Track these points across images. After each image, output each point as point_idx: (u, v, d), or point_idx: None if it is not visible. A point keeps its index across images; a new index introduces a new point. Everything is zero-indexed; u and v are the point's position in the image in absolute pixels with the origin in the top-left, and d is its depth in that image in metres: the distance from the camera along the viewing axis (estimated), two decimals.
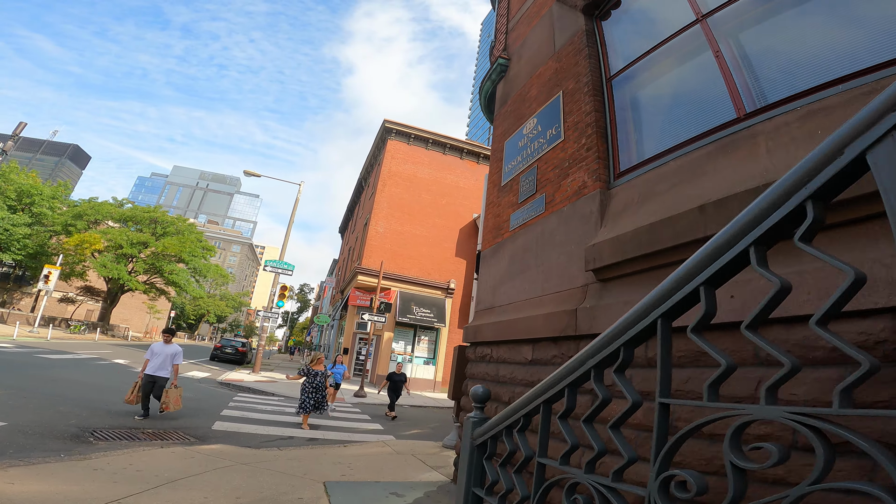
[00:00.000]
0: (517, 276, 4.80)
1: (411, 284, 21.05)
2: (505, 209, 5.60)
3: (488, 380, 4.74)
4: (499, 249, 5.43)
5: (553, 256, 4.22)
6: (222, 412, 9.77)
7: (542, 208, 4.71)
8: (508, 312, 4.71)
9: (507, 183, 5.76)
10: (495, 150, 6.68)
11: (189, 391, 12.31)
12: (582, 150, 4.35)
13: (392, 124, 23.53)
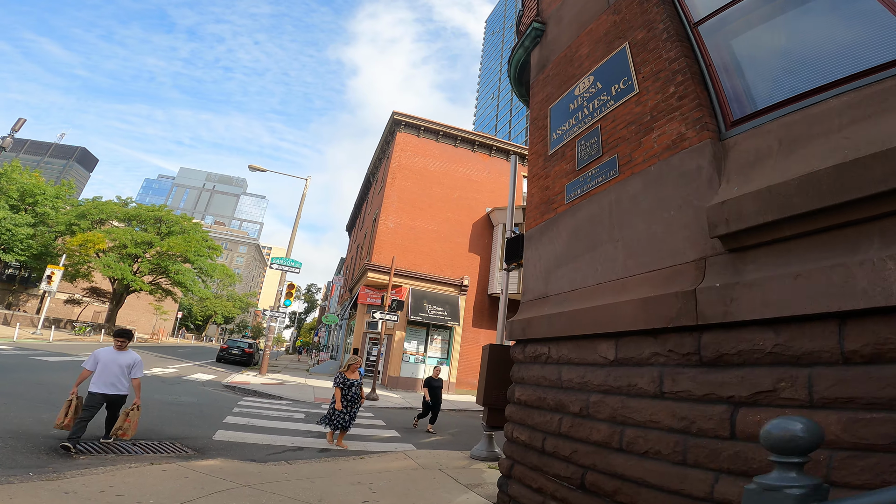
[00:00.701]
0: (582, 257, 3.87)
1: (423, 281, 20.16)
2: (556, 180, 4.68)
3: (545, 385, 3.82)
4: (551, 227, 4.51)
5: (639, 227, 3.30)
6: (225, 419, 8.91)
7: (615, 171, 3.80)
8: (571, 301, 3.79)
9: (558, 150, 4.85)
10: (536, 118, 5.80)
11: (191, 395, 11.49)
12: (671, 100, 3.46)
13: (401, 116, 22.66)
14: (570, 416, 3.43)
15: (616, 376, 3.06)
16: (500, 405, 6.79)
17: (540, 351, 3.94)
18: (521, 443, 4.01)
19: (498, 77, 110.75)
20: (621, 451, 2.90)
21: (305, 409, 11.58)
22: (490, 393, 6.63)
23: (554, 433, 3.58)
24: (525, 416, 4.00)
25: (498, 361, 6.68)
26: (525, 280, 4.76)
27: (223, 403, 10.98)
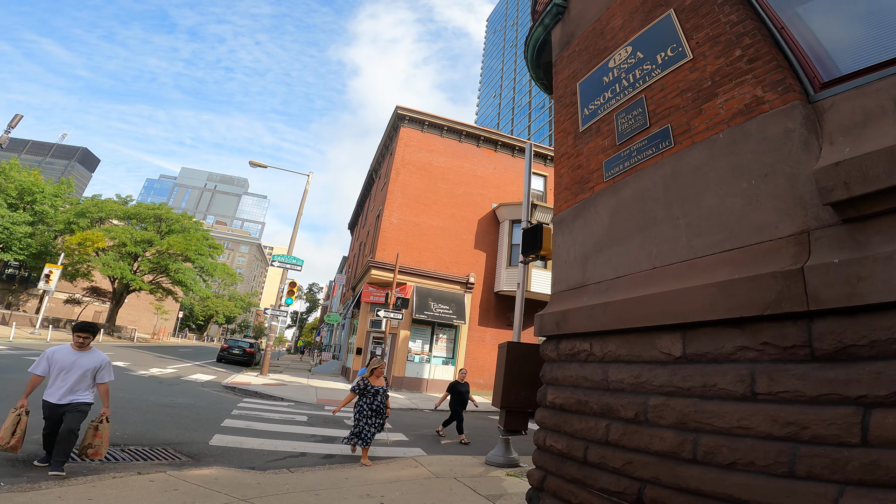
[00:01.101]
0: (630, 238, 3.36)
1: (428, 279, 19.64)
2: (591, 157, 4.17)
3: (586, 386, 3.30)
4: (587, 208, 3.99)
5: (708, 201, 2.80)
6: (224, 422, 8.40)
7: (669, 142, 3.32)
8: (617, 290, 3.27)
9: (591, 126, 4.35)
10: (562, 95, 5.33)
11: (189, 397, 10.99)
12: (739, 64, 3.11)
13: (405, 111, 22.16)
14: (622, 422, 2.91)
15: (685, 376, 2.54)
16: (518, 408, 6.29)
17: (579, 347, 3.42)
18: (556, 452, 3.50)
19: (500, 75, 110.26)
20: (694, 463, 2.39)
21: (308, 412, 11.07)
22: (508, 395, 6.11)
23: (599, 441, 3.07)
24: (561, 422, 3.49)
25: (517, 361, 6.16)
26: (556, 268, 4.23)
27: (222, 405, 10.48)
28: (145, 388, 11.49)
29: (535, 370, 6.30)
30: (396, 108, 22.21)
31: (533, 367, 6.27)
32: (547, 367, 3.86)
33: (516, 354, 6.16)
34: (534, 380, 6.24)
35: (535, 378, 6.27)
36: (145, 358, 20.96)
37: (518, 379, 6.11)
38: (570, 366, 3.53)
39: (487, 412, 14.54)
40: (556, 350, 3.73)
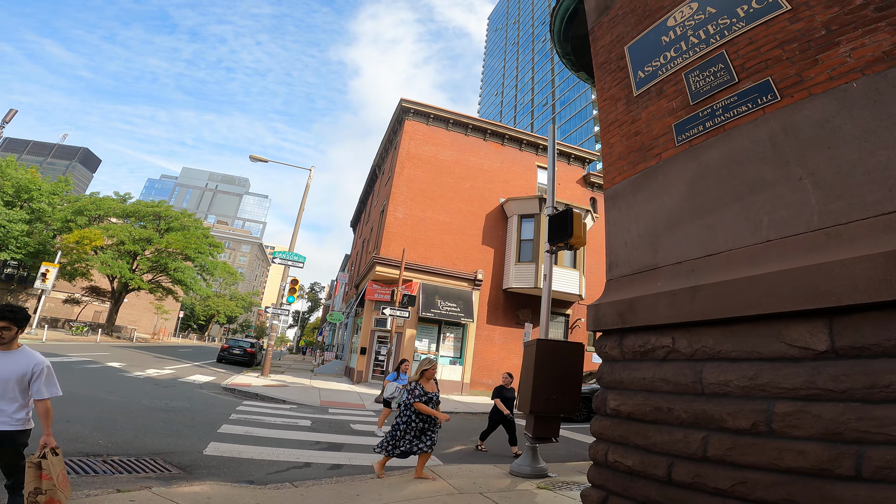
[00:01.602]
0: (726, 207, 2.74)
1: (435, 275, 18.96)
2: (653, 121, 3.54)
3: (668, 391, 2.63)
4: (652, 178, 3.34)
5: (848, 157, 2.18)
6: (221, 428, 7.73)
7: (774, 95, 2.72)
8: (712, 270, 2.62)
9: (651, 88, 3.75)
10: (605, 61, 4.74)
11: (185, 400, 10.32)
12: (864, 12, 2.40)
13: (409, 104, 21.49)
14: (728, 433, 2.26)
15: (835, 375, 1.89)
16: (549, 413, 5.60)
17: (657, 343, 2.75)
18: (623, 469, 2.83)
19: (501, 74, 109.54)
20: (858, 481, 1.72)
21: (311, 415, 10.40)
22: (538, 398, 5.44)
23: (692, 457, 2.41)
24: (629, 434, 2.83)
25: (548, 360, 5.49)
26: (612, 251, 3.56)
27: (220, 409, 9.81)
28: (139, 390, 10.83)
29: (568, 371, 5.62)
30: (401, 101, 21.53)
31: (566, 367, 5.60)
32: (606, 368, 3.18)
33: (547, 353, 5.48)
34: (567, 381, 5.57)
35: (568, 379, 5.60)
36: (142, 358, 20.32)
37: (549, 381, 5.44)
38: (640, 366, 2.86)
39: None
40: (619, 347, 3.06)
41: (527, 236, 20.18)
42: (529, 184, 22.60)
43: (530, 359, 5.59)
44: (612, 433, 2.97)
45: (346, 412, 11.62)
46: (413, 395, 5.70)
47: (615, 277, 3.40)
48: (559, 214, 6.43)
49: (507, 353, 19.80)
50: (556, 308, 21.07)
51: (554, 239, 6.47)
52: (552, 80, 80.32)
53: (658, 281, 2.93)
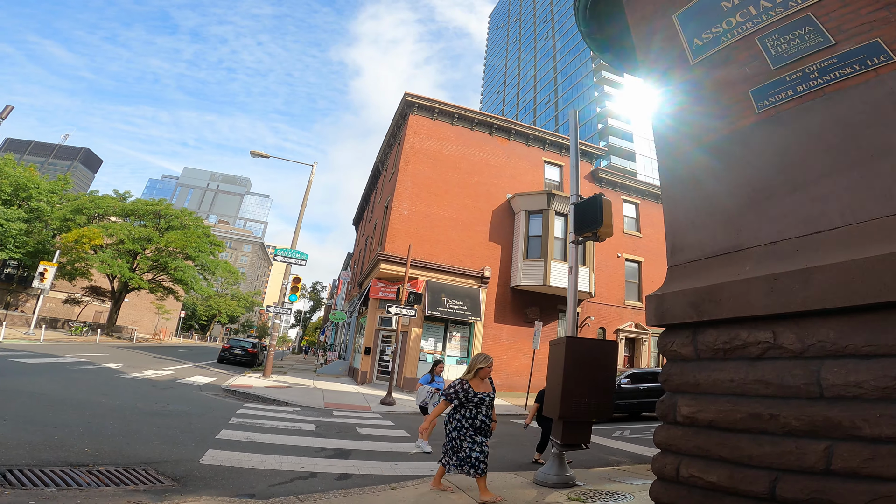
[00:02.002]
0: (837, 175, 2.27)
1: (441, 273, 18.45)
2: (718, 90, 3.03)
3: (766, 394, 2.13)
4: (727, 148, 2.81)
5: None
6: (219, 433, 7.22)
7: (888, 56, 2.18)
8: (825, 249, 2.08)
9: (713, 55, 3.27)
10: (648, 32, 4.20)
11: (182, 402, 9.81)
12: None
13: (414, 98, 20.98)
14: (864, 442, 1.74)
15: None
16: (581, 417, 5.08)
17: (750, 338, 2.25)
18: (703, 485, 2.34)
19: (503, 72, 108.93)
20: None
21: (316, 418, 9.89)
22: (569, 402, 4.92)
23: (809, 470, 1.90)
24: (713, 445, 2.33)
25: (579, 361, 4.97)
26: (674, 232, 3.06)
27: (219, 412, 9.30)
28: (135, 392, 10.34)
29: (601, 372, 5.10)
30: (405, 95, 21.02)
31: (599, 367, 5.08)
32: (674, 369, 2.67)
33: (578, 353, 4.97)
34: (600, 383, 5.05)
35: (601, 381, 5.08)
36: (142, 359, 19.85)
37: (581, 383, 4.92)
38: (724, 366, 2.35)
39: (508, 415, 13.35)
40: (693, 344, 2.54)
41: (535, 232, 19.65)
42: (537, 179, 22.07)
43: (559, 359, 5.07)
44: (687, 444, 2.47)
45: (351, 415, 11.12)
46: (453, 393, 4.83)
47: (681, 263, 2.89)
48: (587, 202, 5.91)
49: (516, 353, 19.29)
50: (562, 305, 20.55)
51: (581, 228, 5.95)
52: (555, 78, 79.76)
53: (745, 264, 2.43)
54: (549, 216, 19.45)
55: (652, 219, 24.45)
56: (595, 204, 5.77)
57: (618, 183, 24.15)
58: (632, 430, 11.82)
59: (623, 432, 11.34)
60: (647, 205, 24.60)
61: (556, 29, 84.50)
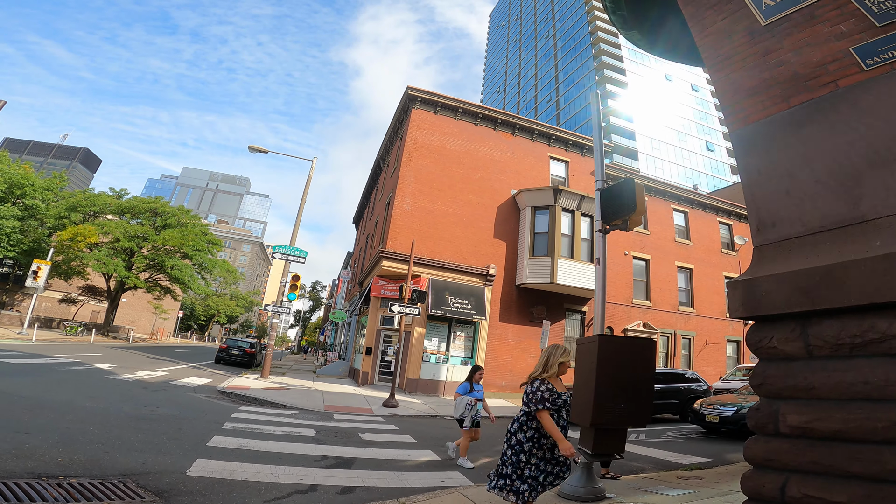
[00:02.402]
0: None
1: (444, 270, 17.89)
2: (806, 49, 2.49)
3: None
4: (832, 108, 2.35)
5: None
6: (211, 440, 6.65)
7: None
8: None
9: (790, 14, 2.69)
10: None
11: (173, 406, 9.22)
12: None
13: (416, 92, 20.42)
14: None
15: None
16: (615, 424, 4.52)
17: (893, 330, 1.68)
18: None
19: (503, 71, 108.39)
20: None
21: (315, 423, 9.32)
22: (602, 407, 4.36)
23: None
24: (839, 459, 1.80)
25: (614, 361, 4.41)
26: (760, 205, 2.51)
27: (212, 416, 8.73)
28: (124, 394, 9.77)
29: (637, 373, 4.54)
30: (407, 89, 20.45)
31: (635, 368, 4.51)
32: (775, 370, 2.12)
33: (612, 352, 4.41)
34: (637, 386, 4.48)
35: (638, 383, 4.52)
36: (136, 359, 19.28)
37: (614, 385, 4.37)
38: (853, 364, 1.82)
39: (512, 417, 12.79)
40: (802, 338, 2.00)
41: (541, 229, 19.09)
42: (542, 175, 21.52)
43: (589, 359, 4.51)
44: (798, 460, 1.93)
45: (353, 418, 10.56)
46: (536, 398, 3.62)
47: (774, 241, 2.34)
48: (617, 186, 5.35)
49: (521, 353, 18.73)
50: (571, 305, 20.01)
51: (609, 216, 5.38)
52: (556, 76, 79.25)
53: (873, 239, 1.88)
54: (556, 212, 18.89)
55: (659, 216, 23.92)
56: (626, 188, 5.22)
57: None
58: (647, 433, 11.26)
59: (639, 435, 10.78)
60: (654, 201, 24.05)
61: (558, 28, 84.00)
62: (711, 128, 69.94)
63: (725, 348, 23.95)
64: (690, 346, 22.70)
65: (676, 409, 13.57)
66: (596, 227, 5.80)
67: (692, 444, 9.67)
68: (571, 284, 18.25)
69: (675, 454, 8.53)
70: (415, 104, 20.46)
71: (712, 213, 26.01)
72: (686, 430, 11.71)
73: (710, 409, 11.07)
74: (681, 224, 24.63)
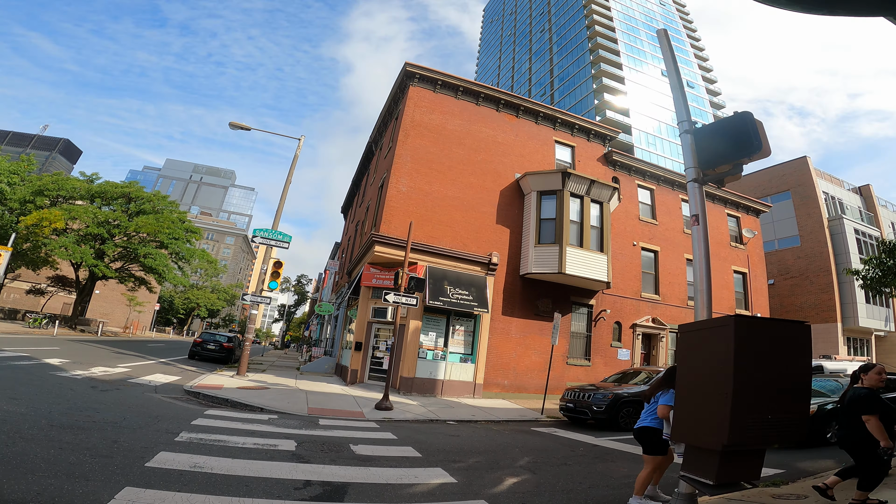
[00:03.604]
0: None
1: (443, 258, 16.27)
2: None
3: None
4: None
5: None
6: (155, 458, 4.98)
7: None
8: None
9: None
10: None
11: (117, 410, 7.43)
12: None
13: (415, 68, 18.75)
14: None
15: None
16: (756, 444, 2.98)
17: None
18: None
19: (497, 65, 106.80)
20: None
21: (297, 431, 7.67)
22: (742, 422, 2.81)
23: None
24: None
25: (758, 355, 2.85)
26: None
27: (167, 423, 7.02)
28: (60, 395, 8.00)
29: (790, 371, 3.01)
30: (406, 66, 18.77)
31: (787, 363, 2.97)
32: None
33: (756, 341, 2.85)
34: (791, 387, 2.95)
35: (793, 384, 2.99)
36: (97, 354, 17.34)
37: (762, 389, 2.81)
38: None
39: (522, 421, 11.28)
40: None
41: (548, 215, 17.61)
42: (547, 159, 20.03)
43: (713, 353, 2.96)
44: None
45: (342, 424, 8.92)
46: None
47: None
48: (727, 121, 3.82)
49: (525, 349, 17.24)
50: (577, 297, 18.57)
51: (713, 160, 3.84)
52: (551, 70, 78.02)
53: None
54: (564, 197, 17.41)
55: (667, 206, 22.64)
56: (745, 121, 3.68)
57: (632, 167, 22.23)
58: None
59: None
60: (662, 191, 22.77)
61: (553, 22, 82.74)
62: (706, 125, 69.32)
63: None
64: None
65: None
66: (689, 177, 4.25)
67: None
68: (580, 275, 16.80)
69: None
70: (413, 81, 18.80)
71: (720, 204, 24.81)
72: None
73: None
74: (689, 215, 23.37)
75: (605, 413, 10.67)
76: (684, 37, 78.47)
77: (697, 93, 71.35)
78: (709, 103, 71.98)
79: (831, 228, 31.60)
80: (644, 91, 65.69)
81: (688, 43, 78.00)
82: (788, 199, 33.94)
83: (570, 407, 11.59)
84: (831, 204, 33.20)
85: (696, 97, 70.79)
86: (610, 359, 18.86)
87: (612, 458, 7.51)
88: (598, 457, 7.61)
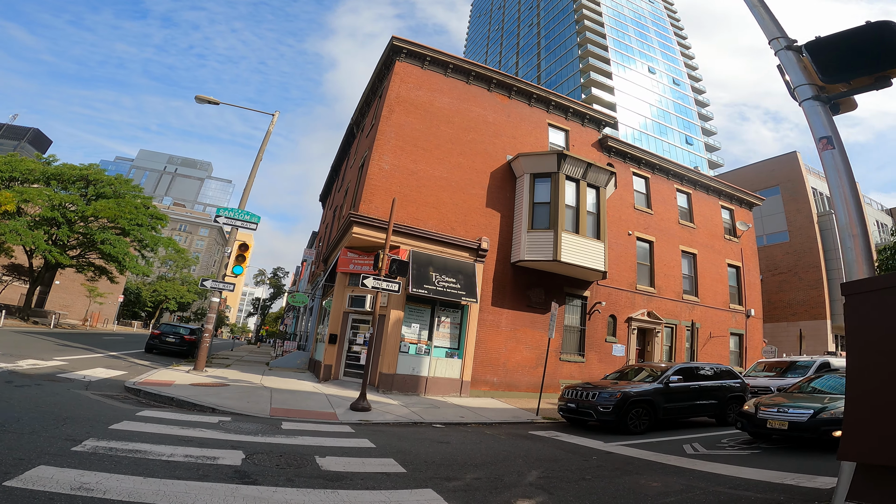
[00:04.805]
0: None
1: (428, 242, 14.85)
2: None
3: None
4: None
5: None
6: (26, 473, 3.45)
7: None
8: None
9: None
10: None
11: (18, 410, 5.77)
12: None
13: (402, 43, 17.24)
14: None
15: None
16: None
17: None
18: None
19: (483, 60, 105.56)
20: None
21: (250, 438, 6.16)
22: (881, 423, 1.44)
23: None
24: None
25: None
26: None
27: (71, 427, 5.44)
28: None
29: None
30: (392, 39, 17.25)
31: None
32: None
33: None
34: None
35: None
36: (37, 346, 15.41)
37: None
38: None
39: (516, 423, 9.98)
40: None
41: (541, 199, 16.35)
42: (540, 142, 18.79)
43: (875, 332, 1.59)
44: None
45: (309, 428, 7.44)
46: None
47: None
48: (861, 30, 2.50)
49: (516, 344, 15.96)
50: (571, 288, 17.38)
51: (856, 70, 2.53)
52: (538, 65, 77.13)
53: None
54: (560, 180, 16.17)
55: (662, 195, 21.67)
56: (888, 29, 2.36)
57: (627, 154, 21.17)
58: (701, 440, 8.66)
59: (693, 445, 8.15)
60: (657, 180, 21.79)
61: (542, 17, 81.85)
62: (691, 122, 69.46)
63: (728, 342, 21.97)
64: (693, 339, 20.54)
65: (715, 410, 11.09)
66: (804, 96, 2.93)
67: (774, 457, 7.05)
68: (577, 263, 15.59)
69: (779, 473, 5.85)
70: (399, 56, 17.28)
71: (715, 196, 23.99)
72: (741, 438, 9.18)
73: (772, 411, 8.55)
74: (684, 206, 22.50)
75: (612, 414, 9.43)
76: (672, 35, 78.57)
77: (683, 90, 71.44)
78: (694, 101, 72.14)
79: (821, 224, 31.25)
80: (632, 87, 65.30)
81: (675, 41, 78.06)
82: (777, 195, 33.53)
83: (571, 407, 10.31)
84: (820, 200, 32.91)
85: (681, 95, 70.87)
86: (605, 354, 17.73)
87: (636, 470, 6.23)
88: (619, 468, 6.32)
